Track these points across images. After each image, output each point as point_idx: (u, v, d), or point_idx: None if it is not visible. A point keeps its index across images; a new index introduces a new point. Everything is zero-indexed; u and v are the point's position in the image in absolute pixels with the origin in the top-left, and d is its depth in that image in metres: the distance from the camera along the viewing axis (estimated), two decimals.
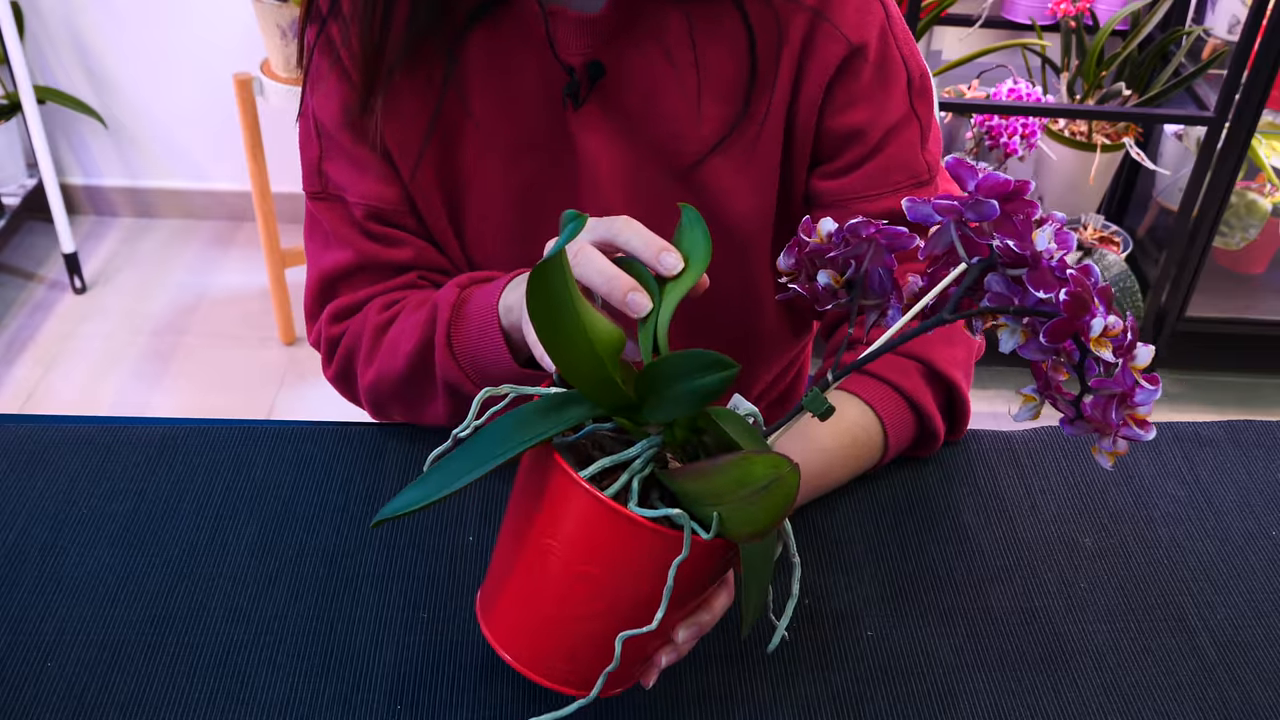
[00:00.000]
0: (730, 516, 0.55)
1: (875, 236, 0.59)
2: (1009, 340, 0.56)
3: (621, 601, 0.58)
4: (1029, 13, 2.17)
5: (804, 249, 0.62)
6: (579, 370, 0.56)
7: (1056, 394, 0.56)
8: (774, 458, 0.54)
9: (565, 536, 0.58)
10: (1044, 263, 0.54)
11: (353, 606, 0.73)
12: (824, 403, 0.58)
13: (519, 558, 0.61)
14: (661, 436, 0.59)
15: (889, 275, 0.61)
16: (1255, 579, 0.79)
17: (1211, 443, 0.90)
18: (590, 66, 0.81)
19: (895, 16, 0.84)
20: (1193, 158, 2.06)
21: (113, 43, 2.40)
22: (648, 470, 0.59)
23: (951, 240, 0.57)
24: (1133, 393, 0.53)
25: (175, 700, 0.66)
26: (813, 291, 0.62)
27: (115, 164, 2.57)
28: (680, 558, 0.56)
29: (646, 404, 0.58)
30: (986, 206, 0.54)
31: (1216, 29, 2.12)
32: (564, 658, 0.61)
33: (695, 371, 0.55)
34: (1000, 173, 0.55)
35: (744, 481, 0.54)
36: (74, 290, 2.38)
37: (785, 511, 0.54)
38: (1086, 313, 0.52)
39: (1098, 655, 0.73)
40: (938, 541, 0.80)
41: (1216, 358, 2.36)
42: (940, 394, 0.84)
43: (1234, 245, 2.20)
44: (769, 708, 0.68)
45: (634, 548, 0.57)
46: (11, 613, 0.71)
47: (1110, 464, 0.56)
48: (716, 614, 0.65)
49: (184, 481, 0.81)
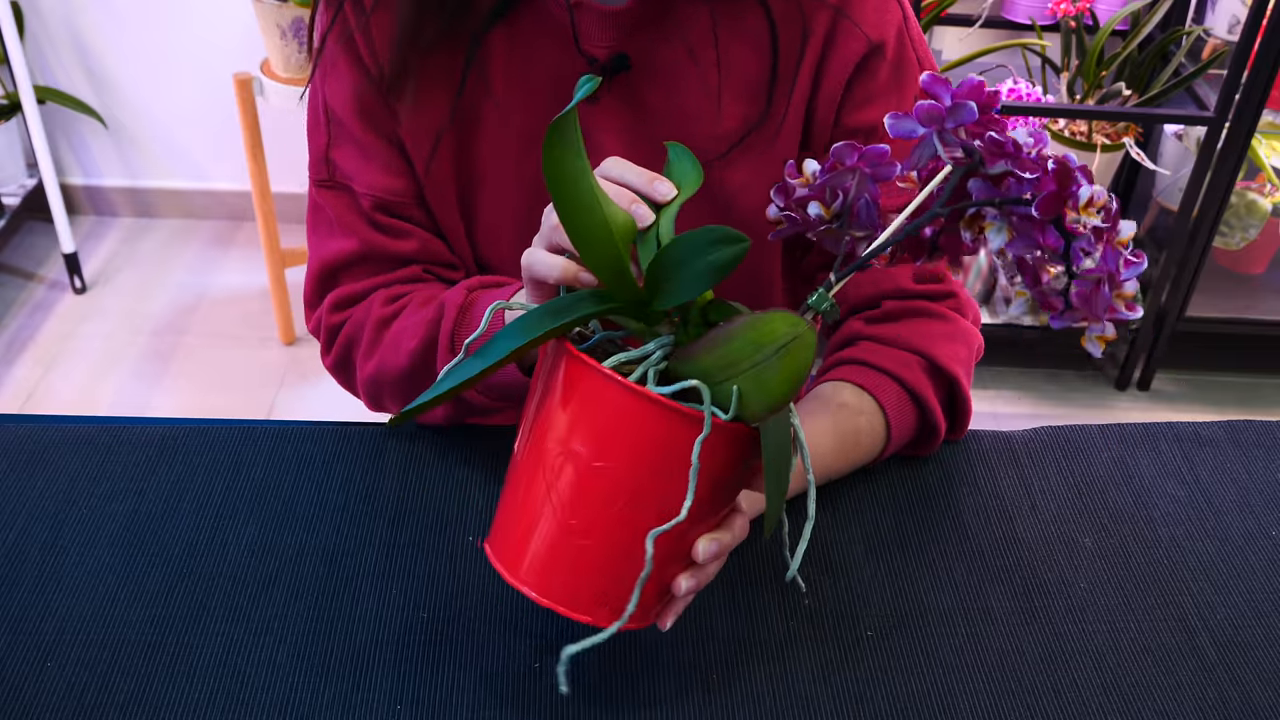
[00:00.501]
0: (748, 389, 0.54)
1: (859, 164, 0.60)
2: (997, 237, 0.56)
3: (646, 498, 0.56)
4: (1029, 13, 2.17)
5: (791, 193, 0.62)
6: (594, 249, 0.56)
7: (1046, 289, 0.57)
8: (791, 315, 0.53)
9: (582, 430, 0.56)
10: (1025, 154, 0.55)
11: (353, 606, 0.73)
12: (827, 300, 0.58)
13: (532, 478, 0.59)
14: (674, 335, 0.59)
15: (875, 205, 0.61)
16: (1255, 579, 0.79)
17: (1211, 443, 0.90)
18: (615, 59, 0.81)
19: (911, 17, 0.85)
20: (1193, 158, 2.06)
21: (113, 43, 2.40)
22: (663, 365, 0.58)
23: (935, 152, 0.58)
24: (1119, 271, 0.54)
25: (175, 700, 0.66)
26: (805, 221, 0.62)
27: (115, 164, 2.57)
28: (703, 435, 0.54)
29: (659, 292, 0.57)
30: (965, 110, 0.56)
31: (1216, 29, 2.12)
32: (588, 579, 0.58)
33: (707, 246, 0.55)
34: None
35: (761, 342, 0.53)
36: (74, 290, 2.38)
37: (803, 377, 0.53)
38: (1074, 183, 0.53)
39: (1098, 655, 0.73)
40: (938, 541, 0.80)
41: (1216, 358, 2.36)
42: (942, 389, 0.84)
43: (1234, 245, 2.20)
44: (769, 707, 0.68)
45: (654, 430, 0.56)
46: (11, 613, 0.71)
47: (1100, 349, 0.56)
48: (737, 535, 0.63)
49: (184, 481, 0.81)
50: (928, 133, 0.58)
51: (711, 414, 0.55)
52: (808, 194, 0.62)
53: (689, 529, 0.59)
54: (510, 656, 0.70)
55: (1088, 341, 0.57)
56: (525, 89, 0.84)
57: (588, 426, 0.57)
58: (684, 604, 0.65)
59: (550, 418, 0.58)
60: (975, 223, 0.59)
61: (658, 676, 0.69)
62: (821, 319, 0.60)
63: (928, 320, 0.85)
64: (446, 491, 0.81)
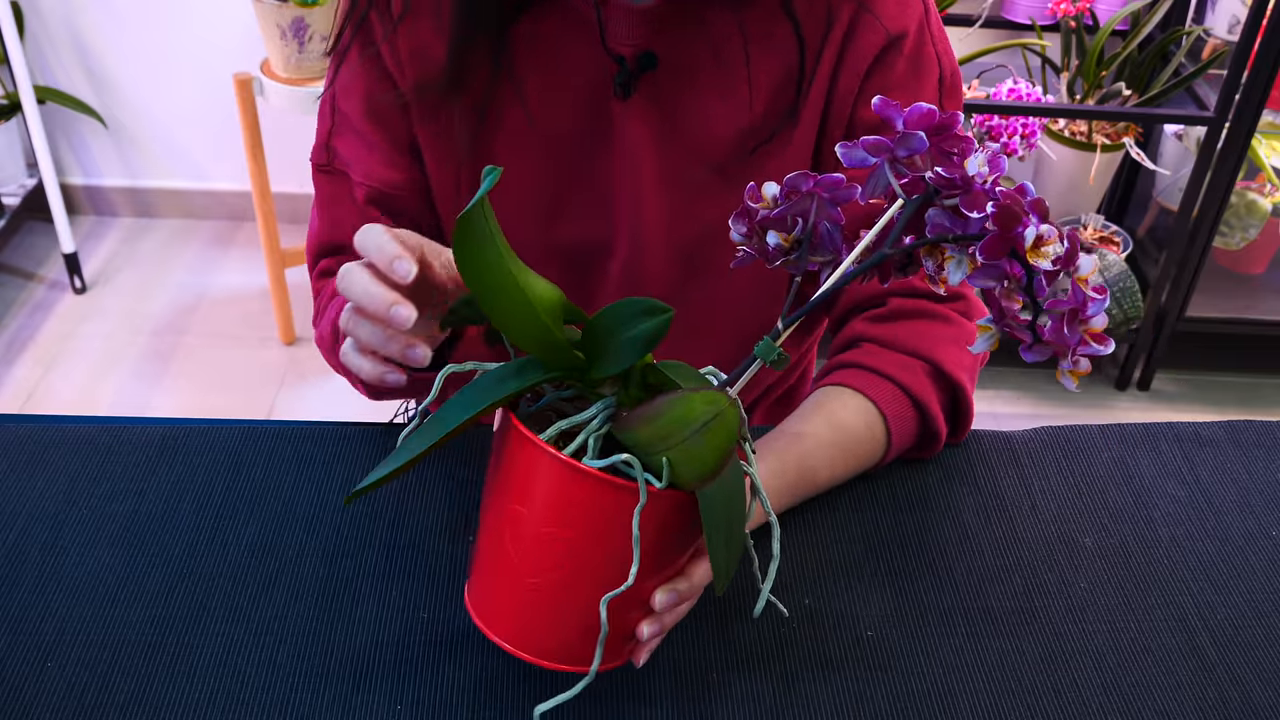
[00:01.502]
0: (678, 459, 0.54)
1: (815, 190, 0.59)
2: (956, 272, 0.55)
3: (594, 562, 0.58)
4: (1029, 13, 2.17)
5: (754, 216, 0.61)
6: (523, 330, 0.57)
7: (1013, 322, 0.55)
8: (712, 394, 0.54)
9: (530, 499, 0.58)
10: (976, 186, 0.53)
11: (353, 606, 0.73)
12: (775, 350, 0.58)
13: (495, 533, 0.61)
14: (616, 397, 0.59)
15: (837, 228, 0.60)
16: (1255, 579, 0.79)
17: (1211, 443, 0.90)
18: (642, 57, 0.81)
19: (933, 13, 0.85)
20: (1193, 158, 2.06)
21: (113, 43, 2.40)
22: (605, 429, 0.59)
23: (888, 181, 0.57)
24: (1084, 307, 0.53)
25: (175, 700, 0.66)
26: (762, 251, 0.62)
27: (115, 164, 2.57)
28: (640, 505, 0.56)
29: (594, 361, 0.58)
30: (915, 140, 0.55)
31: (1216, 29, 2.12)
32: (551, 632, 0.61)
33: (631, 320, 0.56)
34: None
35: (685, 421, 0.54)
36: (74, 290, 2.38)
37: (730, 449, 0.54)
38: (1018, 224, 0.51)
39: (1098, 655, 0.73)
40: (938, 541, 0.80)
41: (1216, 358, 2.36)
42: (945, 395, 0.84)
43: (1234, 245, 2.20)
44: (769, 707, 0.68)
45: (594, 502, 0.57)
46: (11, 613, 0.71)
47: (1074, 384, 0.55)
48: (695, 583, 0.64)
49: (184, 481, 0.81)
50: (879, 162, 0.57)
51: (647, 484, 0.56)
52: (768, 217, 0.61)
53: (646, 579, 0.61)
54: (509, 657, 0.70)
55: (1061, 376, 0.55)
56: (548, 85, 0.84)
57: (533, 495, 0.59)
58: (655, 643, 0.65)
59: (503, 483, 0.60)
60: (936, 253, 0.57)
61: (657, 676, 0.69)
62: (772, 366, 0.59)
63: (932, 322, 0.85)
64: (447, 492, 0.81)
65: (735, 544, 0.59)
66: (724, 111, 0.83)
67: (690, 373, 0.60)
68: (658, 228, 0.86)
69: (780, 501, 0.78)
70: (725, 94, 0.83)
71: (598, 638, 0.60)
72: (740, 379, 0.60)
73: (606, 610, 0.58)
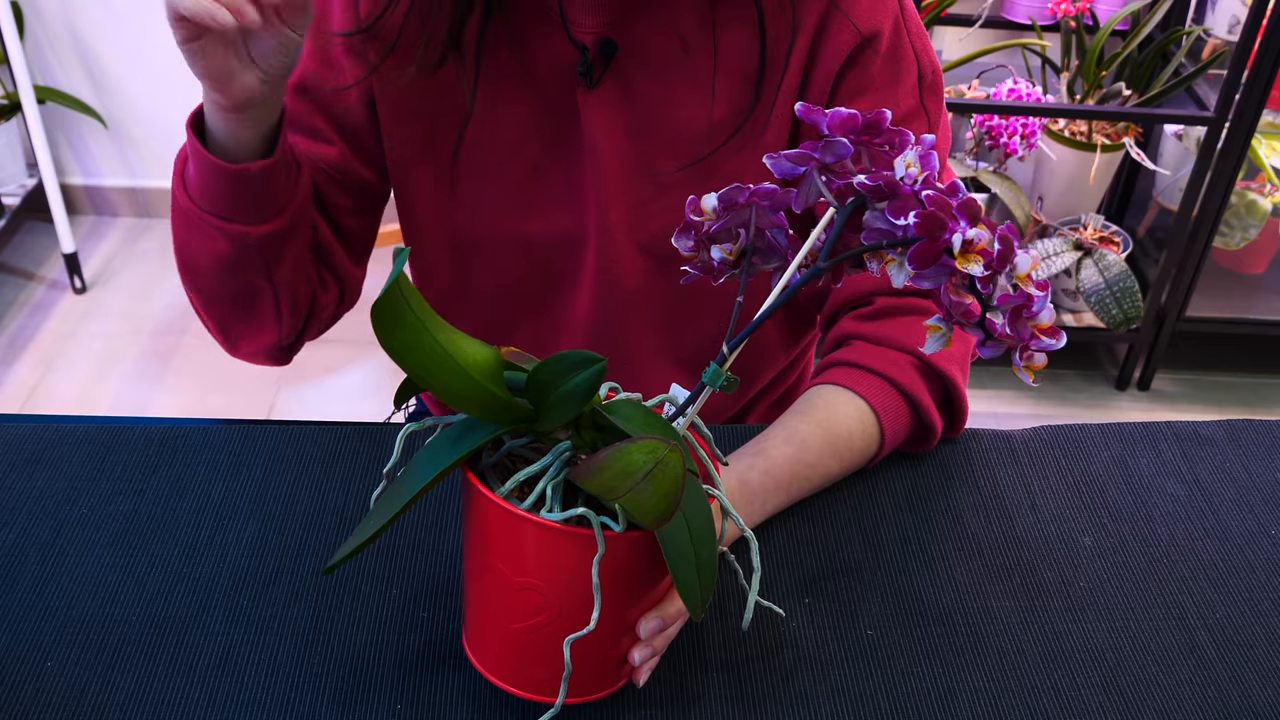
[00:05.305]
0: (630, 506, 0.55)
1: (753, 200, 0.58)
2: (899, 274, 0.54)
3: (570, 606, 0.59)
4: (1029, 13, 2.17)
5: (699, 230, 0.61)
6: (462, 396, 0.57)
7: (963, 320, 0.54)
8: (650, 443, 0.54)
9: (500, 553, 0.60)
10: (904, 190, 0.52)
11: (353, 606, 0.73)
12: (723, 376, 0.58)
13: (477, 583, 0.63)
14: (571, 442, 0.60)
15: (782, 232, 0.59)
16: (1255, 579, 0.79)
17: (1211, 442, 0.90)
18: (602, 45, 0.81)
19: (910, 10, 0.84)
20: (1193, 158, 2.06)
21: (113, 43, 2.40)
22: (561, 476, 0.59)
23: (820, 190, 0.56)
24: (1028, 304, 0.52)
25: (175, 700, 0.66)
26: (707, 268, 0.61)
27: (115, 164, 2.57)
28: (598, 555, 0.57)
29: (541, 414, 0.59)
30: (839, 145, 0.54)
31: (1216, 29, 2.12)
32: (537, 669, 0.63)
33: (565, 373, 0.56)
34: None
35: (628, 473, 0.54)
36: (74, 290, 2.38)
37: (677, 493, 0.54)
38: (944, 230, 0.50)
39: (1098, 655, 0.73)
40: (938, 541, 0.80)
41: (1216, 358, 2.36)
42: (935, 388, 0.84)
43: (1234, 245, 2.20)
44: (770, 707, 0.68)
45: (556, 552, 0.58)
46: (11, 612, 0.71)
47: (1031, 379, 0.54)
48: (679, 608, 0.65)
49: (184, 481, 0.81)
50: (807, 170, 0.56)
51: (605, 529, 0.57)
52: (711, 230, 0.60)
53: (628, 609, 0.62)
54: None
55: (1019, 371, 0.55)
56: (515, 75, 0.84)
57: (501, 549, 0.60)
58: (652, 664, 0.66)
59: (474, 537, 0.61)
60: (878, 255, 0.56)
61: (657, 676, 0.69)
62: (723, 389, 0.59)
63: (919, 318, 0.85)
64: (447, 492, 0.81)
65: (707, 570, 0.59)
66: (690, 102, 0.83)
67: (635, 408, 0.59)
68: (627, 221, 0.87)
69: (775, 501, 0.78)
70: (692, 85, 0.83)
71: (591, 668, 0.62)
72: (691, 408, 0.60)
73: (592, 644, 0.60)
